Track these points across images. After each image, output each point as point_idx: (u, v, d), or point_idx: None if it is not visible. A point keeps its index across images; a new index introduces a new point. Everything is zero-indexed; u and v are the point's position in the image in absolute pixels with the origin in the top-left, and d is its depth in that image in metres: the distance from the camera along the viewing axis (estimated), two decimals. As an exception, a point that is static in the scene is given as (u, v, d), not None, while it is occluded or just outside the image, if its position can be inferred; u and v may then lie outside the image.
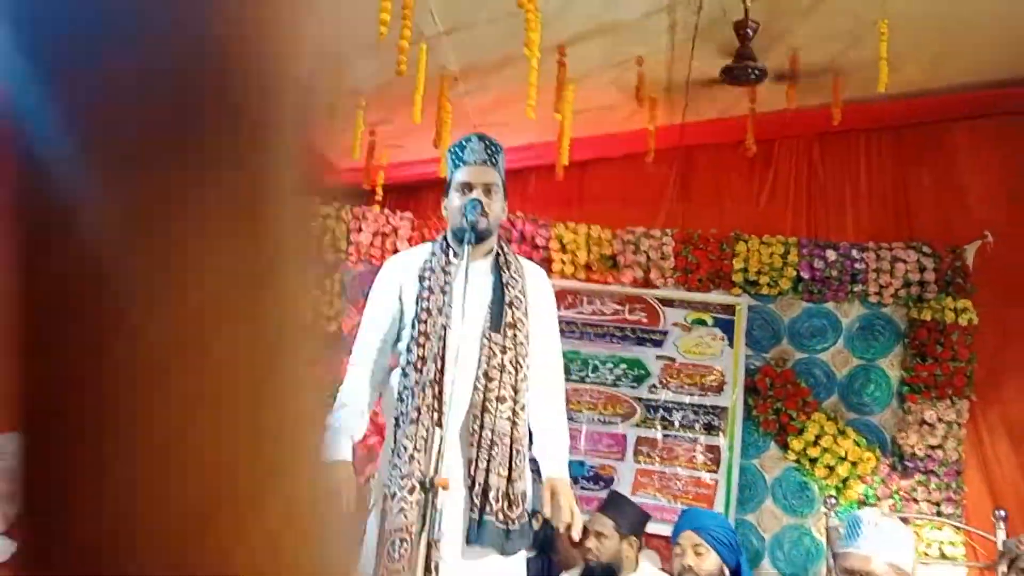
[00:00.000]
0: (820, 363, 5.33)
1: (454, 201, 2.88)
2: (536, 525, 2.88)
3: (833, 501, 4.88)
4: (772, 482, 5.20)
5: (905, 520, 4.93)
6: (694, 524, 3.47)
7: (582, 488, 5.21)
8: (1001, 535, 4.36)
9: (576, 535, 2.79)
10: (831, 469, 5.06)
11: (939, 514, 4.91)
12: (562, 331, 5.31)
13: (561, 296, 5.47)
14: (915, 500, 4.95)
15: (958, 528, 4.79)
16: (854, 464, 5.03)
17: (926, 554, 4.74)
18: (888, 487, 4.97)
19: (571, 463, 5.21)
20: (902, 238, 5.29)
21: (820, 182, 5.53)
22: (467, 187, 2.87)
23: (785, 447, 5.18)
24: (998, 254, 5.11)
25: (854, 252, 5.29)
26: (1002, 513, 4.48)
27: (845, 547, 2.74)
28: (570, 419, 5.32)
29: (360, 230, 5.47)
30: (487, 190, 2.86)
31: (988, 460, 5.03)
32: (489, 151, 2.92)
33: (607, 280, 5.51)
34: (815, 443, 5.11)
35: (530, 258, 5.10)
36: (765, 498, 5.18)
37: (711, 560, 3.36)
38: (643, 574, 3.91)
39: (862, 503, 4.95)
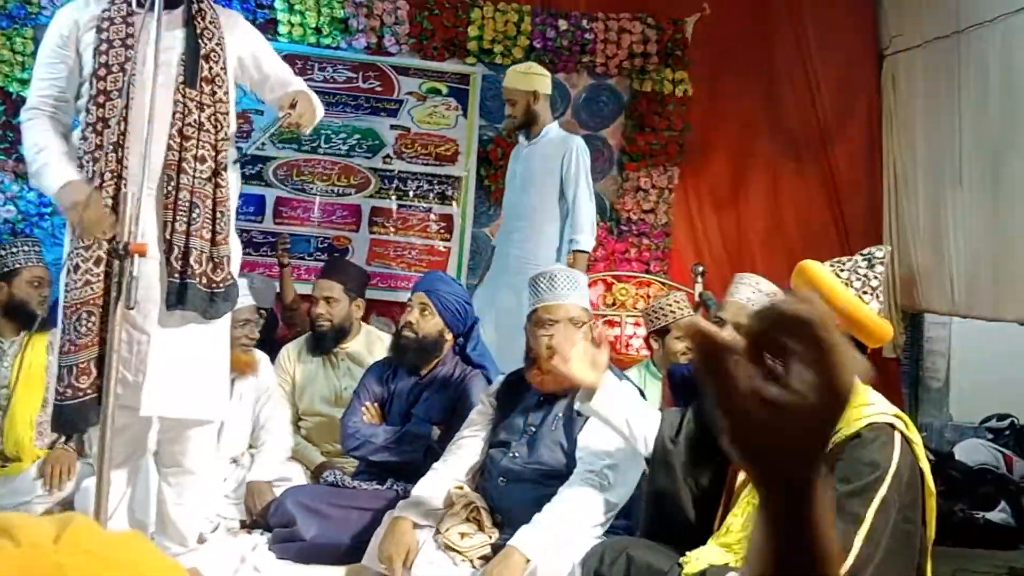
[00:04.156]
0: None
1: None
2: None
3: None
4: (500, 248, 5.41)
5: (617, 278, 5.36)
6: (426, 286, 3.53)
7: (316, 259, 5.20)
8: (698, 287, 4.83)
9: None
10: (555, 234, 5.33)
11: (648, 271, 5.36)
12: (291, 99, 5.14)
13: (289, 61, 5.11)
14: (628, 260, 5.37)
15: (663, 284, 5.26)
16: (576, 229, 5.32)
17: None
18: (605, 249, 5.33)
19: (301, 239, 5.15)
20: (629, 9, 5.39)
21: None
22: None
23: (514, 215, 5.36)
24: (712, 27, 5.35)
25: (584, 22, 5.34)
26: (700, 268, 4.95)
27: (545, 300, 2.87)
28: (302, 190, 5.25)
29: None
30: None
31: (693, 222, 5.49)
32: None
33: (339, 45, 5.25)
34: (542, 210, 5.32)
35: (253, 19, 4.76)
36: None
37: (433, 322, 3.43)
38: (365, 336, 3.99)
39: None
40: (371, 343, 3.93)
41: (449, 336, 3.49)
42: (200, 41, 2.62)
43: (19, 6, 4.84)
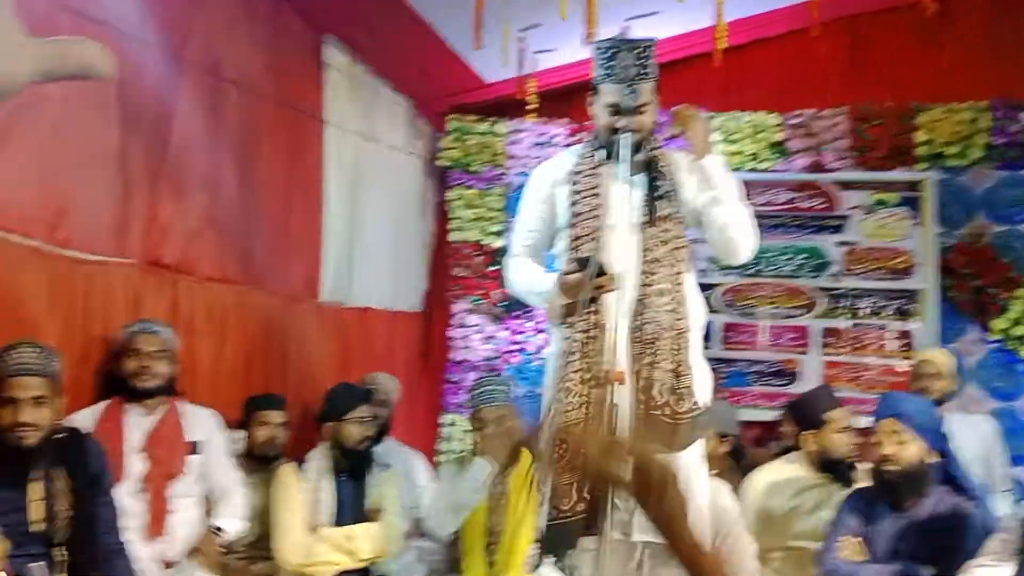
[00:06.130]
0: (1021, 235, 4.91)
1: (601, 118, 2.75)
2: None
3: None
4: (974, 365, 4.87)
5: None
6: (893, 410, 3.23)
7: (765, 384, 5.09)
8: None
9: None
10: (1041, 346, 4.70)
11: None
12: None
13: (729, 189, 5.27)
14: None
15: None
16: (1068, 339, 4.66)
17: None
18: None
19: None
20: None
21: (1005, 36, 4.97)
22: (614, 110, 2.71)
23: (986, 328, 4.84)
24: None
25: (1053, 109, 4.80)
26: None
27: None
28: (748, 314, 5.21)
29: (517, 142, 5.44)
30: (638, 110, 2.71)
31: None
32: (640, 60, 2.71)
33: (776, 168, 5.24)
34: (1021, 321, 4.75)
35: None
36: (965, 383, 4.85)
37: (913, 448, 3.11)
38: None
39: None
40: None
41: (932, 458, 3.16)
42: (656, 184, 2.75)
43: (490, 168, 5.50)
